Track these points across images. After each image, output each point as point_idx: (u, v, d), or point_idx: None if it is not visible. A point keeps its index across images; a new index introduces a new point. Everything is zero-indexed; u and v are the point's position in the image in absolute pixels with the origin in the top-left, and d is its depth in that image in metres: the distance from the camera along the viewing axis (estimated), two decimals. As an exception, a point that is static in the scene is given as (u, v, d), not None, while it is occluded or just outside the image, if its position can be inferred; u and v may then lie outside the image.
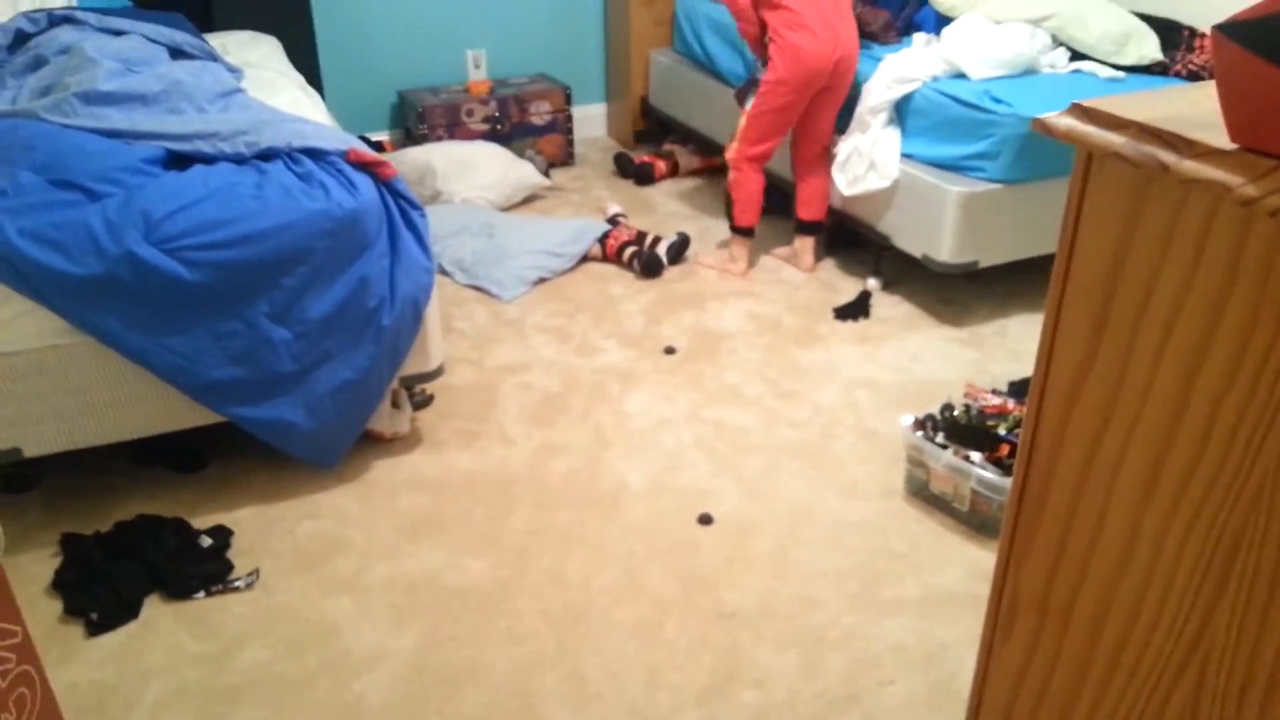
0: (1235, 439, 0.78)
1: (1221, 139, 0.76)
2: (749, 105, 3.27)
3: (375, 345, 2.30)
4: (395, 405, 2.53)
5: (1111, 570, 0.91)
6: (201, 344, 2.16)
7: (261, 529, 2.26)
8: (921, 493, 2.36)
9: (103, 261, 2.03)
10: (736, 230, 3.44)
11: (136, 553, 2.12)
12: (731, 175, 3.38)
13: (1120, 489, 0.89)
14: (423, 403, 2.70)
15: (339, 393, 2.29)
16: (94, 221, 2.05)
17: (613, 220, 3.69)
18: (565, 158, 4.47)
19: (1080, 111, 0.83)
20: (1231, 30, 0.73)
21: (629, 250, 3.47)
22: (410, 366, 2.43)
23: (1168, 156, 0.76)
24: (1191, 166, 0.74)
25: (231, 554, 2.18)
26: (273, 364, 2.21)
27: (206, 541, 2.16)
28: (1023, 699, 1.04)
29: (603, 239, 3.53)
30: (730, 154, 3.36)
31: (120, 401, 2.19)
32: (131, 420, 2.21)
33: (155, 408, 2.22)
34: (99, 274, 2.04)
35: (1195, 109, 0.82)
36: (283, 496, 2.37)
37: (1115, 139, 0.79)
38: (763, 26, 3.21)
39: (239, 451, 2.50)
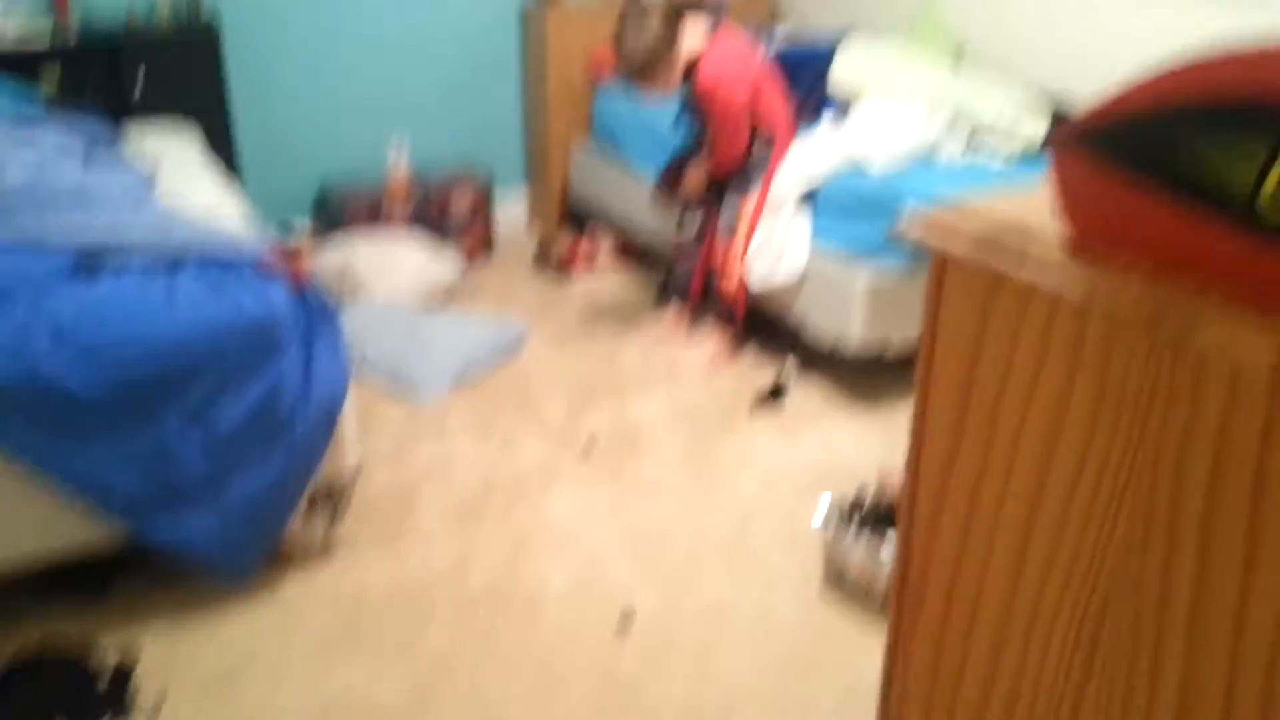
0: (1088, 526, 0.81)
1: (1057, 245, 0.81)
2: (748, 199, 3.30)
3: (288, 452, 2.27)
4: (310, 512, 2.49)
5: (987, 664, 0.93)
6: (109, 455, 2.11)
7: (168, 650, 2.19)
8: (840, 582, 2.37)
9: (3, 373, 1.99)
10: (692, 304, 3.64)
11: (30, 697, 2.03)
12: (735, 276, 3.36)
13: (989, 585, 0.91)
14: (339, 507, 2.65)
15: (251, 503, 2.25)
16: (-4, 334, 2.02)
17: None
18: (486, 249, 4.50)
19: (931, 220, 0.88)
20: (1064, 137, 0.78)
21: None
22: (325, 471, 2.40)
23: (1008, 263, 0.80)
24: (1030, 272, 0.79)
25: (136, 678, 2.10)
26: (183, 475, 2.17)
27: (104, 683, 2.07)
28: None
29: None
30: (730, 251, 3.36)
31: (19, 518, 2.12)
32: (34, 541, 2.14)
33: (57, 524, 2.15)
34: (2, 385, 1.99)
35: (1040, 214, 0.87)
36: (192, 613, 2.30)
37: (962, 247, 0.84)
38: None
39: (146, 566, 2.42)
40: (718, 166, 3.32)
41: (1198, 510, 0.76)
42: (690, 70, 3.18)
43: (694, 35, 3.16)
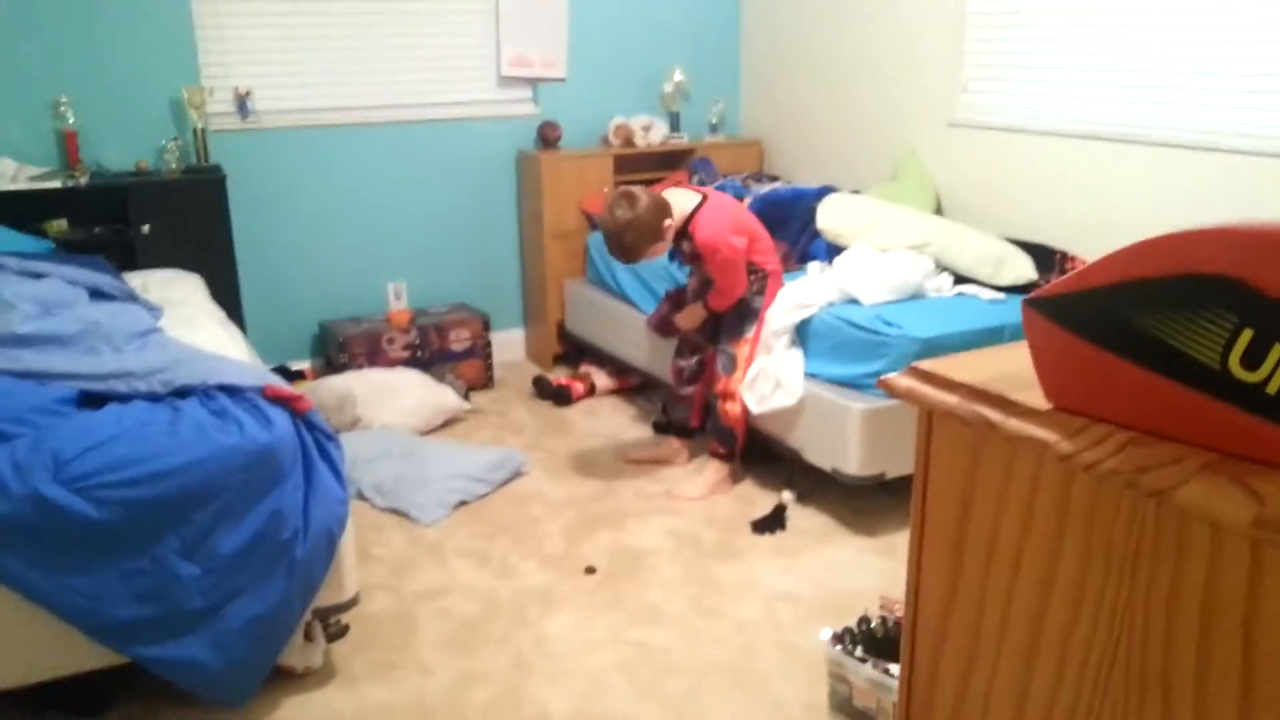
0: (1085, 673, 0.83)
1: (1042, 398, 0.85)
2: (747, 333, 3.38)
3: (287, 578, 2.27)
4: (308, 638, 2.47)
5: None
6: (107, 583, 2.11)
7: (161, 781, 2.15)
8: (846, 709, 2.35)
9: (8, 503, 2.01)
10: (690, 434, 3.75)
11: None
12: (738, 407, 3.41)
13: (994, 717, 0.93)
14: (337, 634, 2.63)
15: (249, 629, 2.24)
16: (1, 464, 2.04)
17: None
18: (485, 381, 4.56)
19: (917, 373, 0.92)
20: (1038, 304, 0.83)
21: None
22: (324, 597, 2.39)
23: (994, 416, 0.84)
24: (1015, 425, 0.83)
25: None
26: (181, 601, 2.17)
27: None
28: None
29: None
30: (732, 384, 3.41)
31: (16, 644, 2.10)
32: (28, 664, 2.12)
33: (54, 650, 2.13)
34: (3, 515, 2.01)
35: (1024, 367, 0.91)
36: (186, 742, 2.27)
37: (948, 399, 0.88)
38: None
39: (142, 690, 2.39)
40: (717, 306, 3.42)
41: (1190, 667, 0.76)
42: (681, 232, 3.29)
43: (681, 199, 3.29)
